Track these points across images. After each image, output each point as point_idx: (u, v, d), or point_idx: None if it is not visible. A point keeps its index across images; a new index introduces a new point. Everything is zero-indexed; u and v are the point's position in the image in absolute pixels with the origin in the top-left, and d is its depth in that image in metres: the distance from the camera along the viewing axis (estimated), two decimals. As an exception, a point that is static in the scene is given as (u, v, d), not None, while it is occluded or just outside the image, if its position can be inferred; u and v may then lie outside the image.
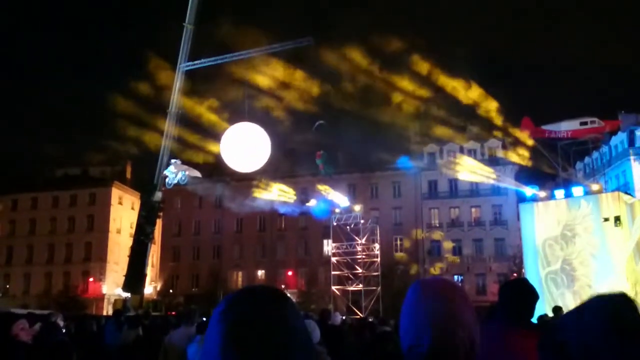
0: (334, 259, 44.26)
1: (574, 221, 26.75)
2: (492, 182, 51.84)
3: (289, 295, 1.39)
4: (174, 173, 32.02)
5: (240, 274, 59.42)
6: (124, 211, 63.15)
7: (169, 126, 33.58)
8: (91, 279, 59.27)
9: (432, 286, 1.78)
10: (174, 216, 60.20)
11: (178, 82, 33.45)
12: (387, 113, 45.59)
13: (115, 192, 62.99)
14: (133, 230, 40.26)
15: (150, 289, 55.66)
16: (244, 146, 26.53)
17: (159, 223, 42.68)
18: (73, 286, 58.82)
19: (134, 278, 34.82)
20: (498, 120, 44.89)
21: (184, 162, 33.84)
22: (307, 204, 42.39)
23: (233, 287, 58.60)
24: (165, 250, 62.23)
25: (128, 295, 36.15)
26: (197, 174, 33.00)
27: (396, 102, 44.03)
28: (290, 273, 56.92)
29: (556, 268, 26.36)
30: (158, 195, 35.34)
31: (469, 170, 41.18)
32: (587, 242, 26.08)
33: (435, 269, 54.06)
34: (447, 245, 54.84)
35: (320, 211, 42.25)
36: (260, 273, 58.96)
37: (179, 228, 62.20)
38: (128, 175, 67.27)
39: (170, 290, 59.70)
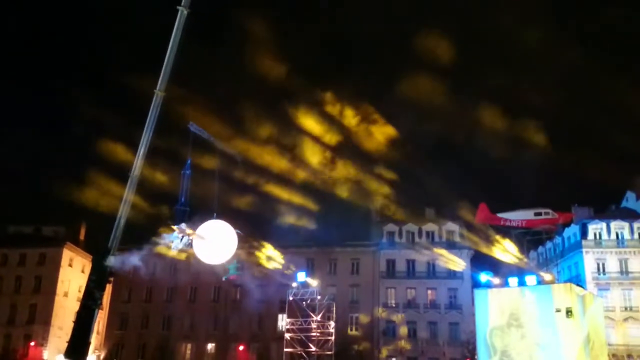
0: (287, 335, 43.29)
1: (518, 310, 27.14)
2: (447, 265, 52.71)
3: None
4: (179, 237, 31.67)
5: (189, 346, 57.33)
6: (73, 274, 61.24)
7: (129, 190, 33.19)
8: (33, 343, 56.53)
9: None
10: (124, 281, 58.41)
11: (143, 148, 33.38)
12: (349, 191, 46.33)
13: (67, 254, 61.25)
14: (81, 295, 38.92)
15: (93, 357, 53.28)
16: (213, 243, 29.91)
17: (108, 288, 41.33)
18: (13, 350, 56.16)
19: (77, 345, 33.25)
20: (456, 206, 45.98)
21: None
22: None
23: (181, 360, 56.58)
24: (112, 317, 59.91)
25: (69, 363, 34.44)
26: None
27: (358, 181, 44.94)
28: (241, 348, 55.13)
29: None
30: (111, 259, 34.44)
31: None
32: (532, 331, 26.35)
33: (389, 351, 53.39)
34: (403, 326, 54.40)
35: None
36: (211, 347, 56.95)
37: (129, 294, 60.09)
38: (82, 237, 65.60)
39: (115, 360, 57.22)
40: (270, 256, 46.42)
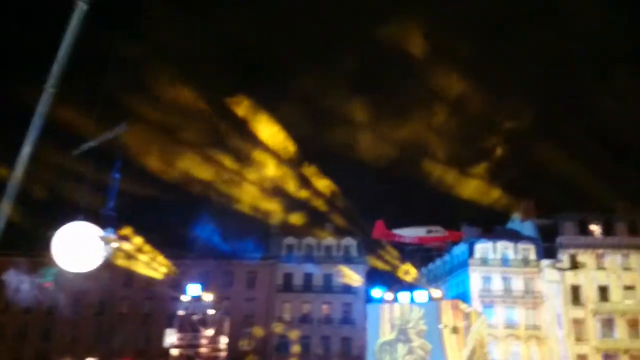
0: (174, 351, 41.60)
1: (406, 325, 27.78)
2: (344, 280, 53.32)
3: None
4: (106, 246, 29.22)
5: (70, 361, 53.80)
6: (-56, 280, 55.86)
7: (9, 190, 30.85)
8: None
9: None
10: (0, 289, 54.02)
11: (28, 147, 31.12)
12: (248, 202, 45.80)
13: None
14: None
15: (-41, 371, 48.93)
16: (76, 247, 25.22)
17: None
18: None
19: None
20: (354, 220, 46.62)
21: None
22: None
23: (59, 376, 52.93)
24: (-15, 328, 55.14)
25: None
26: (118, 244, 30.42)
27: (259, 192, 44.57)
28: (125, 363, 52.36)
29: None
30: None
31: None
32: (419, 346, 27.05)
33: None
34: (296, 341, 54.03)
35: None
36: (92, 362, 53.73)
37: (6, 303, 55.45)
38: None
39: (-15, 375, 52.66)
40: (162, 267, 44.79)
